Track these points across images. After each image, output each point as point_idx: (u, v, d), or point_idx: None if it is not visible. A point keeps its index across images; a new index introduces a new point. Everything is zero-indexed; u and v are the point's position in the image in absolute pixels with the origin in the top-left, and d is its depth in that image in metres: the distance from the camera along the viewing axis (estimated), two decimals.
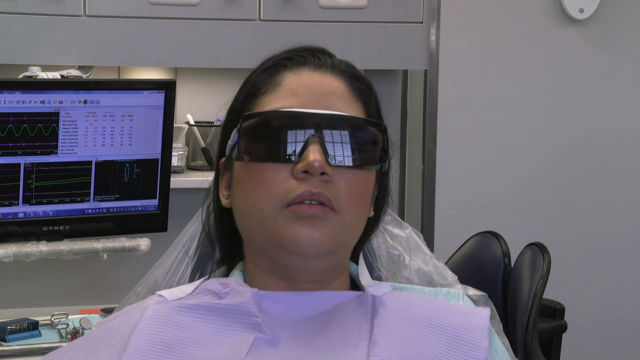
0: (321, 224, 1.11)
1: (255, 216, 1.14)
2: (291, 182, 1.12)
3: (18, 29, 2.49)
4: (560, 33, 3.27)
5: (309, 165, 1.11)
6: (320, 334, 1.12)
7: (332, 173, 1.12)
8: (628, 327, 3.42)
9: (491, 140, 3.27)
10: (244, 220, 1.17)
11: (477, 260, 2.47)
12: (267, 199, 1.12)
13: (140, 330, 1.13)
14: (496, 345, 1.18)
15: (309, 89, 1.17)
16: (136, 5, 2.56)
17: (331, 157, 1.13)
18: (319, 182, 1.12)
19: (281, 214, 1.11)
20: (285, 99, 1.16)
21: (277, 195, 1.12)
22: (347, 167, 1.14)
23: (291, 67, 1.19)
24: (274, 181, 1.12)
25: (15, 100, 2.34)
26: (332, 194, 1.12)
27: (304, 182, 1.12)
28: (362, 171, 1.16)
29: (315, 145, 1.12)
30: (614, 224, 3.38)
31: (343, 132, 1.14)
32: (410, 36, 2.75)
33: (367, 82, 1.22)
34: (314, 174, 1.11)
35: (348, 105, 1.17)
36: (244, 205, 1.16)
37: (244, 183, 1.16)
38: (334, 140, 1.13)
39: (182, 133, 2.84)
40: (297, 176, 1.12)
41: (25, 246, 2.40)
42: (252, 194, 1.14)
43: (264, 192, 1.13)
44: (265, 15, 2.65)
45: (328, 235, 1.12)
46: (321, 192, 1.11)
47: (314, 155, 1.11)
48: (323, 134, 1.13)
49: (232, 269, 1.24)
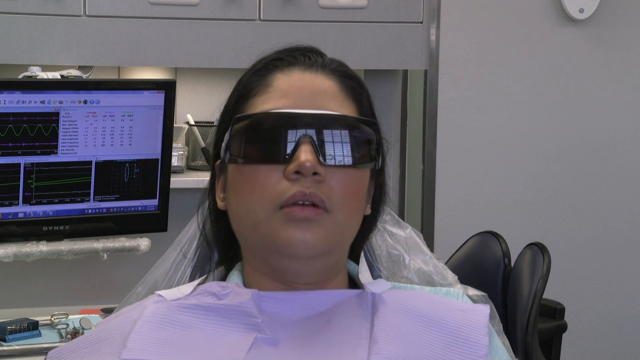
0: (314, 226, 1.11)
1: (249, 219, 1.13)
2: (283, 184, 1.11)
3: (18, 29, 2.49)
4: (560, 33, 3.27)
5: (300, 165, 1.11)
6: (320, 333, 1.12)
7: (324, 173, 1.12)
8: (628, 327, 3.42)
9: (491, 140, 3.27)
10: (239, 223, 1.16)
11: (477, 260, 2.47)
12: (261, 201, 1.12)
13: (139, 328, 1.13)
14: (496, 344, 1.18)
15: (300, 89, 1.16)
16: (136, 5, 2.56)
17: (323, 157, 1.12)
18: (312, 183, 1.11)
19: (274, 217, 1.11)
20: (276, 100, 1.16)
21: (270, 197, 1.11)
22: (339, 166, 1.13)
23: (282, 68, 1.19)
24: (266, 183, 1.12)
25: (15, 100, 2.34)
26: (324, 193, 1.11)
27: (296, 183, 1.11)
28: (355, 170, 1.15)
29: (307, 145, 1.12)
30: (614, 223, 3.38)
31: (334, 131, 1.14)
32: (410, 36, 2.75)
33: (359, 80, 1.21)
34: (305, 174, 1.11)
35: (339, 104, 1.17)
36: (238, 208, 1.15)
37: (238, 185, 1.15)
38: (325, 140, 1.13)
39: (182, 133, 2.84)
40: (289, 177, 1.11)
41: (25, 246, 2.40)
42: (246, 196, 1.14)
43: (257, 194, 1.12)
44: (265, 15, 2.65)
45: (321, 237, 1.11)
46: (314, 192, 1.11)
47: (305, 156, 1.11)
48: (314, 134, 1.12)
49: (230, 269, 1.23)
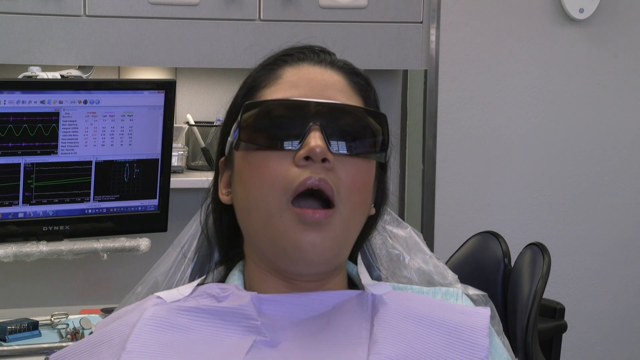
0: (324, 229, 1.11)
1: (260, 212, 1.13)
2: (293, 170, 1.11)
3: (18, 29, 2.49)
4: (560, 33, 3.27)
5: (310, 150, 1.10)
6: (320, 335, 1.12)
7: (333, 160, 1.12)
8: (628, 327, 3.42)
9: (491, 140, 3.27)
10: (247, 216, 1.15)
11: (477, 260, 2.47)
12: (272, 193, 1.11)
13: (138, 330, 1.12)
14: (496, 344, 1.18)
15: (310, 81, 1.17)
16: (136, 5, 2.56)
17: (332, 145, 1.12)
18: (321, 169, 1.11)
19: (287, 213, 1.11)
20: (285, 90, 1.16)
21: (281, 186, 1.11)
22: (348, 155, 1.13)
23: (291, 62, 1.20)
24: (276, 171, 1.12)
25: (15, 100, 2.34)
26: (333, 182, 1.11)
27: (306, 169, 1.11)
28: (362, 161, 1.15)
29: (317, 132, 1.12)
30: (614, 223, 3.38)
31: (344, 121, 1.14)
32: (410, 36, 2.75)
33: (366, 78, 1.22)
34: (315, 159, 1.10)
35: (348, 98, 1.17)
36: (247, 200, 1.15)
37: (246, 175, 1.15)
38: (335, 128, 1.13)
39: (182, 133, 2.84)
40: (298, 163, 1.11)
41: (25, 246, 2.40)
42: (255, 187, 1.13)
43: (268, 184, 1.12)
44: (265, 15, 2.65)
45: (330, 241, 1.11)
46: (324, 178, 1.11)
47: (315, 141, 1.11)
48: (324, 122, 1.13)
49: (230, 269, 1.23)
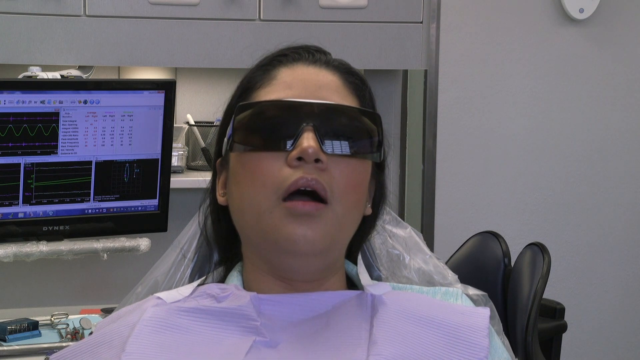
0: (315, 222, 1.11)
1: (252, 210, 1.13)
2: (285, 171, 1.11)
3: (18, 29, 2.49)
4: (560, 33, 3.27)
5: (303, 151, 1.10)
6: (319, 335, 1.12)
7: (326, 161, 1.12)
8: (628, 327, 3.42)
9: (491, 140, 3.27)
10: (241, 216, 1.16)
11: (477, 260, 2.47)
12: (263, 191, 1.12)
13: (138, 331, 1.12)
14: (496, 344, 1.17)
15: (304, 81, 1.17)
16: (136, 5, 2.56)
17: (326, 146, 1.12)
18: (314, 170, 1.11)
19: (277, 209, 1.11)
20: (279, 91, 1.16)
21: (273, 186, 1.11)
22: (341, 155, 1.13)
23: (286, 63, 1.20)
24: (268, 171, 1.12)
25: (15, 100, 2.34)
26: (326, 182, 1.11)
27: (298, 170, 1.11)
28: (357, 161, 1.15)
29: (310, 133, 1.12)
30: (613, 223, 3.38)
31: (338, 121, 1.14)
32: (410, 36, 2.75)
33: (362, 77, 1.22)
34: (308, 160, 1.11)
35: (342, 98, 1.17)
36: (240, 200, 1.15)
37: (239, 176, 1.15)
38: (328, 129, 1.13)
39: (182, 133, 2.84)
40: (291, 164, 1.11)
41: (25, 246, 2.40)
42: (248, 186, 1.13)
43: (260, 184, 1.12)
44: (265, 15, 2.65)
45: (322, 233, 1.11)
46: (316, 178, 1.11)
47: (307, 142, 1.11)
48: (318, 122, 1.13)
49: (230, 269, 1.23)
